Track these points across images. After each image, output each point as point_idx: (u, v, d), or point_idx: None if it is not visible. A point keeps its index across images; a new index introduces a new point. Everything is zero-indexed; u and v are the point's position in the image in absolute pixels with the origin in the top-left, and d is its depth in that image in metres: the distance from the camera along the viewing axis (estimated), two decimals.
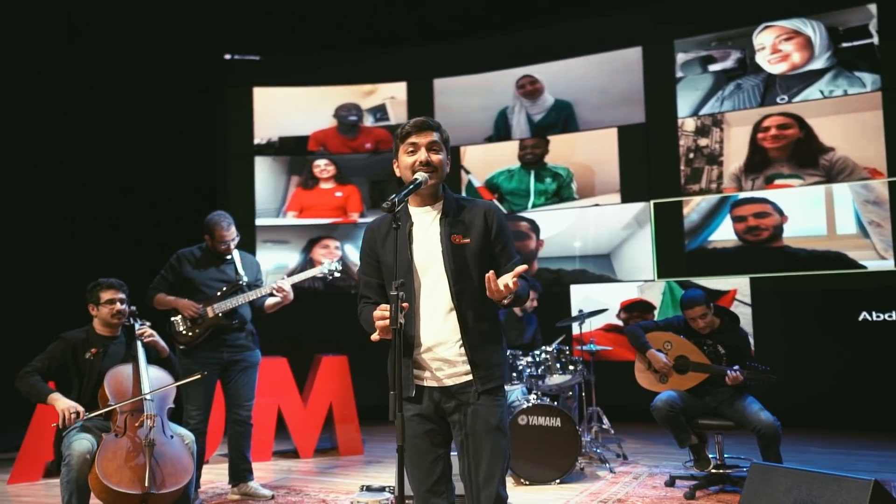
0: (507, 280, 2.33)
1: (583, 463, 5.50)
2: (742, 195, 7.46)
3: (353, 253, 8.71)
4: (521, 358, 5.45)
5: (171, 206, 8.21)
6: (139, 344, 4.01)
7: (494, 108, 8.60)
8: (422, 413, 2.54)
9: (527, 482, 5.01)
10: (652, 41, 7.98)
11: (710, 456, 4.72)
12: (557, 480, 5.00)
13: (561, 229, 8.26)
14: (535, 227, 8.38)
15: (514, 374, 5.38)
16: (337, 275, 4.87)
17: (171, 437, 3.79)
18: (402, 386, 2.35)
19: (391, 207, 2.36)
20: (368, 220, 8.55)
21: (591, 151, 8.17)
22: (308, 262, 8.63)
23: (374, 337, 2.41)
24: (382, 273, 2.62)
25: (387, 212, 2.37)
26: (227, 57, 8.86)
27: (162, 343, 4.13)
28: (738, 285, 7.46)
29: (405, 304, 2.34)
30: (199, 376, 4.02)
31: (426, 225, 2.60)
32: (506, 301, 2.41)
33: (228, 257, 4.85)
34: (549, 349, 5.51)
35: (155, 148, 8.33)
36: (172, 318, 4.67)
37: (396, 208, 2.37)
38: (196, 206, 8.58)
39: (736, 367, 4.52)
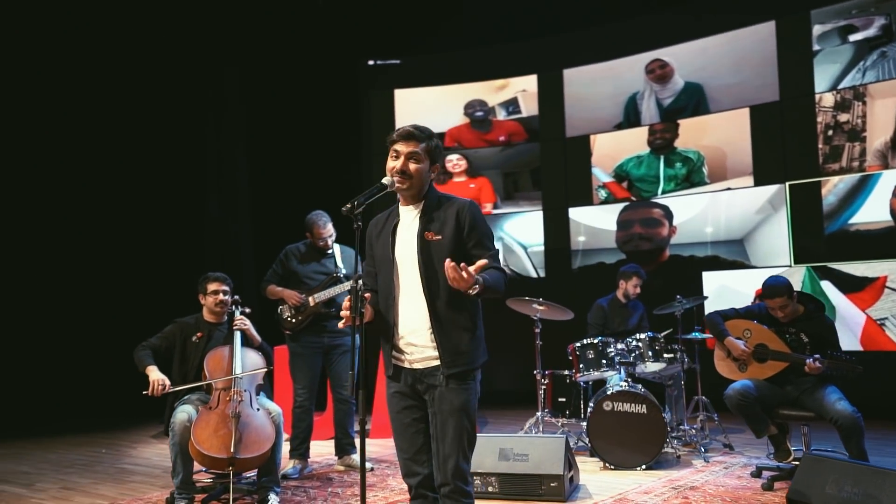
0: (467, 269, 2.53)
1: (682, 451, 5.48)
2: None
3: None
4: (612, 345, 5.51)
5: (320, 205, 8.97)
6: (236, 329, 4.58)
7: (624, 95, 8.54)
8: (401, 391, 2.83)
9: (612, 467, 5.09)
10: (786, 13, 7.58)
11: (794, 448, 4.56)
12: (643, 466, 5.04)
13: (692, 215, 8.08)
14: (668, 214, 8.25)
15: (605, 361, 5.46)
16: None
17: (258, 410, 4.33)
18: (361, 369, 2.65)
19: (350, 210, 2.63)
20: (503, 210, 8.87)
21: (722, 133, 7.91)
22: None
23: (340, 324, 2.73)
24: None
25: (346, 214, 2.65)
26: (371, 63, 9.48)
27: (253, 332, 4.66)
28: (887, 271, 6.94)
29: (367, 295, 2.64)
30: (266, 369, 4.53)
31: (408, 223, 2.87)
32: (472, 291, 2.62)
33: (329, 252, 5.37)
34: (640, 336, 5.53)
35: (307, 151, 9.14)
36: (280, 307, 5.26)
37: (355, 210, 2.63)
38: (343, 205, 9.28)
39: (816, 356, 4.35)
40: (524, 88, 9.08)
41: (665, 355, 5.48)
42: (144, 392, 4.25)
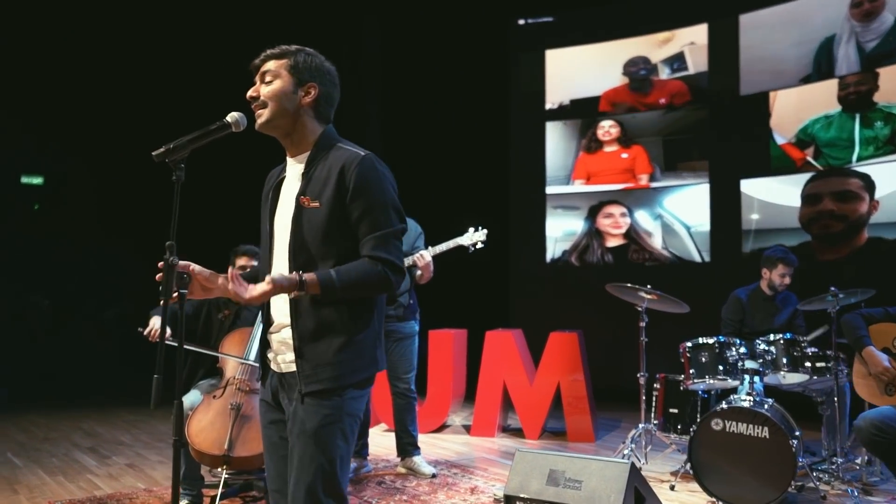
0: (258, 289, 1.88)
1: (832, 489, 4.22)
2: None
3: (646, 220, 7.87)
4: (734, 347, 4.33)
5: (465, 173, 8.44)
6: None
7: (814, 41, 6.99)
8: (266, 399, 2.13)
9: (720, 502, 3.99)
10: None
11: None
12: None
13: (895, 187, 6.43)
14: (868, 185, 6.64)
15: (722, 367, 4.31)
16: (480, 246, 4.43)
17: None
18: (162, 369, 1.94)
19: (164, 154, 1.91)
20: (660, 183, 7.73)
21: None
22: (591, 232, 8.07)
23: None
24: None
25: (158, 160, 1.93)
26: (521, 22, 8.65)
27: None
28: None
29: (192, 268, 1.95)
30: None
31: (292, 181, 2.12)
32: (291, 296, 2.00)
33: None
34: (773, 338, 4.30)
35: (453, 116, 8.60)
36: None
37: (171, 156, 1.91)
38: (490, 174, 8.67)
39: None
40: (692, 41, 7.77)
41: (807, 364, 4.22)
42: (139, 329, 3.73)
